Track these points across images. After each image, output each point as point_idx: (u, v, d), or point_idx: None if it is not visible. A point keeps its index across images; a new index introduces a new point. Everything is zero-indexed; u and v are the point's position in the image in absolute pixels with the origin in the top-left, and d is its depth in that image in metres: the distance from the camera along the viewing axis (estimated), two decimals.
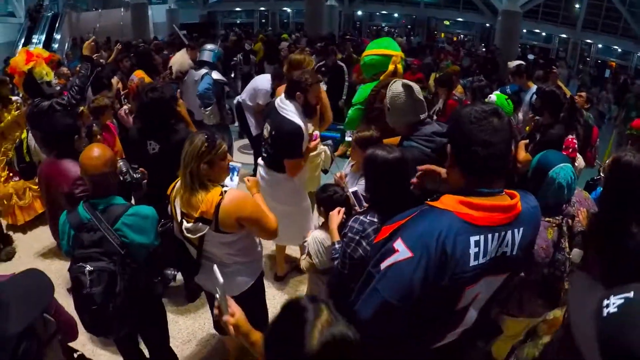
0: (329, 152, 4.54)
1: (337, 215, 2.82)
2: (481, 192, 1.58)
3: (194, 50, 6.69)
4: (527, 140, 4.25)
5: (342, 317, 1.26)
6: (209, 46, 6.41)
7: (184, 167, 2.55)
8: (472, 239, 1.53)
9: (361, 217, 2.45)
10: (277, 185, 4.02)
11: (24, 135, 5.11)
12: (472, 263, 1.54)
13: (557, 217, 2.74)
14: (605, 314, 1.08)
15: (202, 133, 2.60)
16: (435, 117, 6.52)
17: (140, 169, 3.35)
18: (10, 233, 5.48)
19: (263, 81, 6.06)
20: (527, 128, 4.98)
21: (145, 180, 3.32)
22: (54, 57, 5.17)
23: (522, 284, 2.76)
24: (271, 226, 2.74)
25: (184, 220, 2.66)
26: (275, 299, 4.30)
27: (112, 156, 2.65)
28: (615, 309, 1.07)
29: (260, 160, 4.15)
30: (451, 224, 1.52)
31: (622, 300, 1.07)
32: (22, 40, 21.92)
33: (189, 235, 2.65)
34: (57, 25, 23.73)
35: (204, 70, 6.12)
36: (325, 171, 4.58)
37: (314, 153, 4.26)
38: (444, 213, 1.55)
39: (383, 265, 1.54)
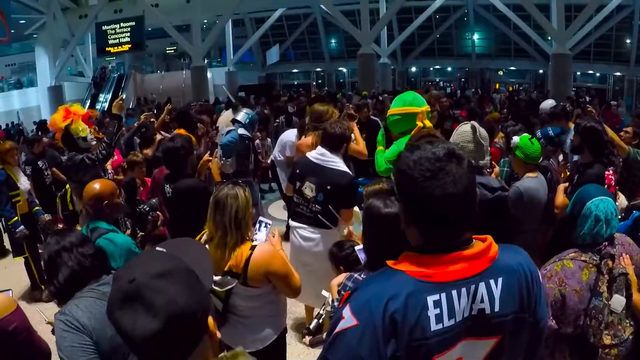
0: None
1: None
2: (441, 248, 1.36)
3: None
4: (567, 184, 3.96)
5: None
6: (244, 109, 6.80)
7: (235, 224, 2.60)
8: (430, 299, 1.30)
9: (355, 275, 2.37)
10: (326, 242, 3.71)
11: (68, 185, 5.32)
12: (435, 327, 1.30)
13: (594, 257, 2.45)
14: None
15: (232, 183, 2.72)
16: None
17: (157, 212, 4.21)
18: None
19: (289, 134, 6.59)
20: (562, 175, 4.65)
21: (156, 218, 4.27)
22: (92, 114, 5.70)
23: (554, 337, 2.46)
24: (296, 283, 2.79)
25: None
26: (300, 357, 4.13)
27: (98, 193, 3.08)
28: None
29: (296, 223, 3.98)
30: (402, 286, 1.32)
31: None
32: (90, 99, 23.49)
33: (216, 288, 2.63)
34: (122, 85, 25.39)
35: (231, 127, 6.44)
36: None
37: None
38: (396, 273, 1.36)
39: (333, 332, 1.35)
